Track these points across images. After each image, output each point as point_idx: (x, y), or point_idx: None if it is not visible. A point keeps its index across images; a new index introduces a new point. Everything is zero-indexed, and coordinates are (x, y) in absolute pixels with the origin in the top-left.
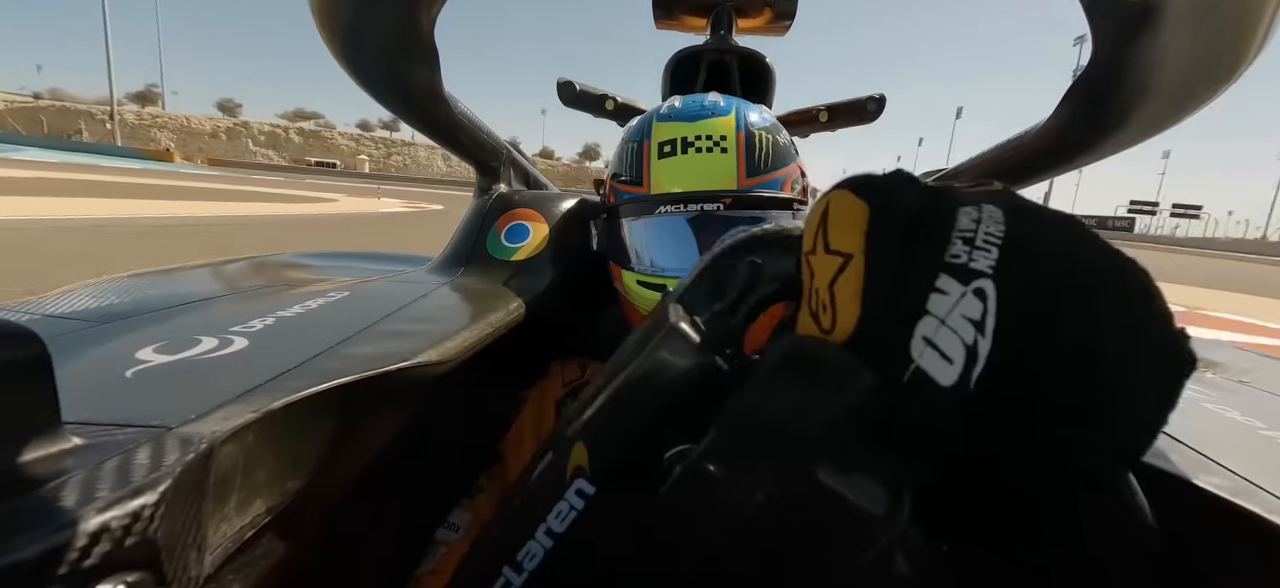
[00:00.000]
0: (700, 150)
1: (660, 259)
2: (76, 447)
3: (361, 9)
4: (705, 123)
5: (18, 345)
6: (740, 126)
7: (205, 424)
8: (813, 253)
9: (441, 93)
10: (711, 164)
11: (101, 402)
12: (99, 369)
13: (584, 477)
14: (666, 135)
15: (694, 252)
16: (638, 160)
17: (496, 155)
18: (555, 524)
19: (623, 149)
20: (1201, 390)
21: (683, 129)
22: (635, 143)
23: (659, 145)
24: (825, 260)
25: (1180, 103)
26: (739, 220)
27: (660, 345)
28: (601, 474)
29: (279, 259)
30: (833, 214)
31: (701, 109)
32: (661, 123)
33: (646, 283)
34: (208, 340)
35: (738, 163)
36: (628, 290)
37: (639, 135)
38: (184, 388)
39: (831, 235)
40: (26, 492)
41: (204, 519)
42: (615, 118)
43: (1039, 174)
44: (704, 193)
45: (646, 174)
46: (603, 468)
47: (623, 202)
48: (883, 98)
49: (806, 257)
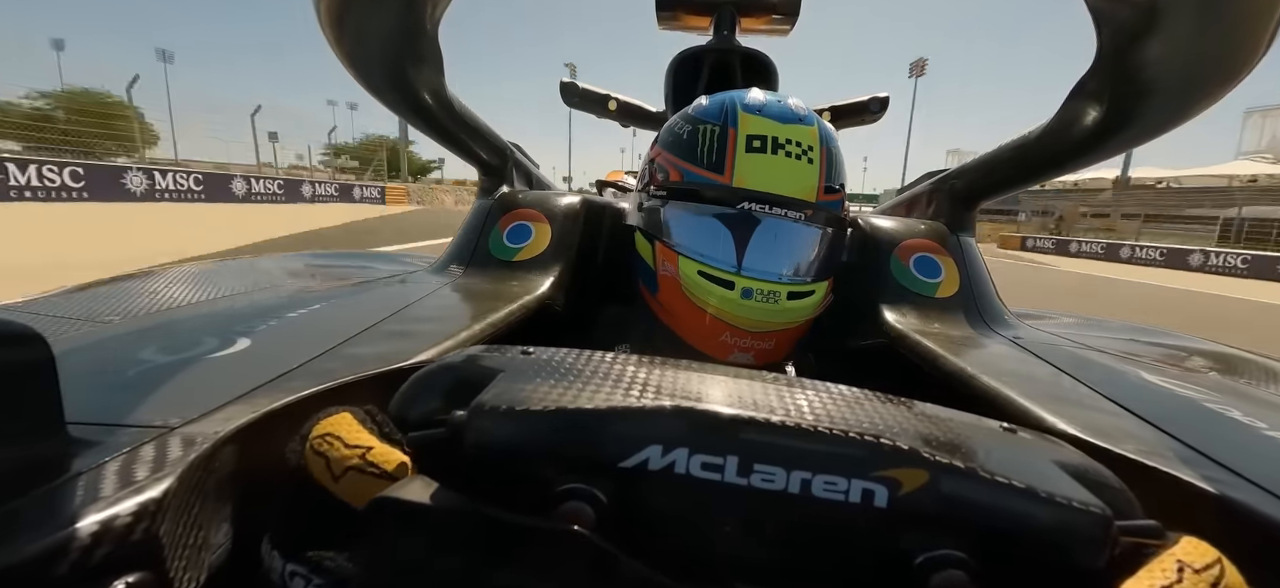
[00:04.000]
0: (790, 155)
1: (727, 255)
2: (80, 447)
3: (367, 12)
4: (794, 128)
5: (22, 346)
6: (824, 142)
7: (207, 424)
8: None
9: (446, 94)
10: (799, 172)
11: (105, 402)
12: (102, 369)
13: None
14: (757, 130)
15: (753, 253)
16: (720, 146)
17: (500, 155)
18: None
19: (693, 129)
20: (1204, 392)
21: (774, 128)
22: (716, 127)
23: (748, 138)
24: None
25: (1185, 102)
26: (808, 234)
27: None
28: None
29: (281, 259)
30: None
31: (790, 113)
32: (750, 114)
33: (713, 277)
34: (210, 341)
35: (820, 176)
36: (686, 280)
37: (719, 119)
38: (186, 388)
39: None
40: (30, 491)
41: (206, 519)
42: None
43: (1042, 174)
44: (792, 199)
45: (731, 164)
46: None
47: (700, 184)
48: (886, 99)
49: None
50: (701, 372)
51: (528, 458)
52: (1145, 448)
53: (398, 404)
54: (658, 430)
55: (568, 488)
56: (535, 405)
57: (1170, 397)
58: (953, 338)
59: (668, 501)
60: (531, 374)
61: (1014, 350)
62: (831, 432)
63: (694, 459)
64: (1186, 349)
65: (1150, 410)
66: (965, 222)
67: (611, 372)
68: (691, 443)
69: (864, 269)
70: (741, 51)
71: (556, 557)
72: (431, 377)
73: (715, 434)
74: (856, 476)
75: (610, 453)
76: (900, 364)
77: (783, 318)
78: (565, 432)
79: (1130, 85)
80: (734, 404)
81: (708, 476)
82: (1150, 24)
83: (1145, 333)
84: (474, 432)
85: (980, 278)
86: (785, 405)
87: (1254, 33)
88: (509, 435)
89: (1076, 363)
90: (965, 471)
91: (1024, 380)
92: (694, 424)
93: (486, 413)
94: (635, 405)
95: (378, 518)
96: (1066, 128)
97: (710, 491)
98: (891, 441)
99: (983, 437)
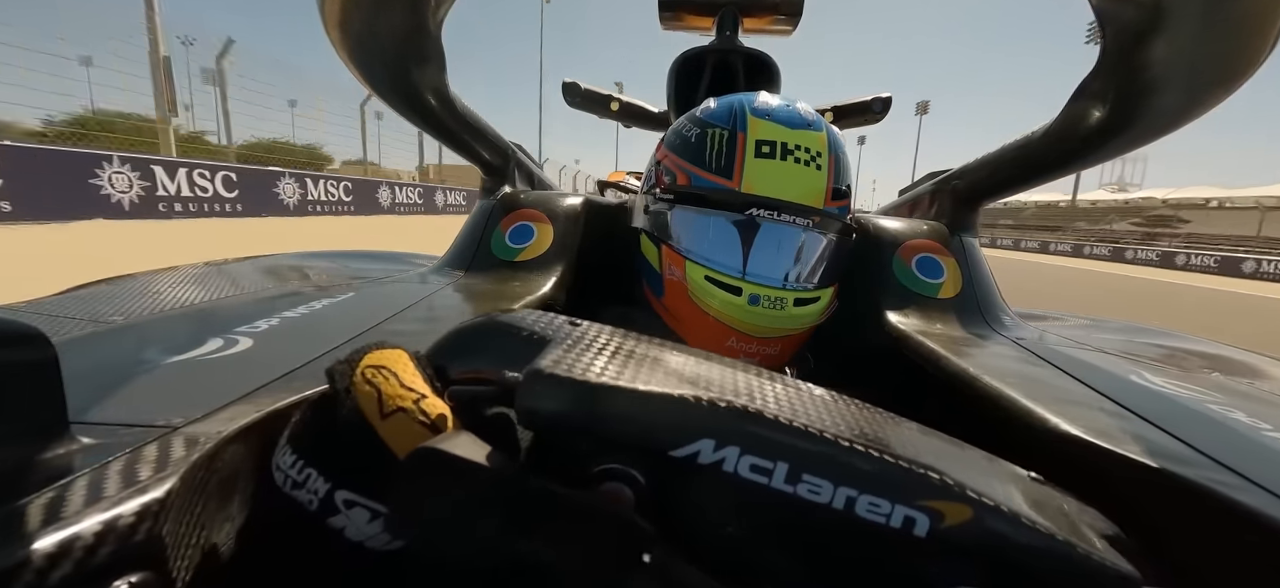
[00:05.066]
0: (799, 161)
1: (735, 260)
2: (83, 446)
3: (371, 12)
4: (803, 133)
5: (26, 346)
6: (832, 148)
7: (210, 424)
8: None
9: (448, 94)
10: (807, 178)
11: (108, 401)
12: (105, 369)
13: None
14: (767, 135)
15: (760, 259)
16: (729, 151)
17: (502, 156)
18: None
19: (702, 133)
20: (1208, 394)
21: (783, 133)
22: (724, 131)
23: (757, 142)
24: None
25: (1190, 103)
26: (815, 240)
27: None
28: None
29: (284, 259)
30: None
31: (799, 118)
32: (760, 119)
33: (720, 282)
34: (213, 341)
35: (827, 183)
36: (692, 285)
37: (728, 123)
38: (189, 388)
39: None
40: (34, 491)
41: (209, 519)
42: (620, 119)
43: (1046, 174)
44: (801, 206)
45: (739, 168)
46: None
47: (709, 189)
48: (888, 99)
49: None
50: (756, 374)
51: (577, 431)
52: (1149, 450)
53: (437, 354)
54: (715, 426)
55: (608, 468)
56: (595, 380)
57: (1174, 399)
58: (955, 339)
59: (708, 496)
60: (586, 347)
61: (1017, 351)
62: (883, 456)
63: (744, 460)
64: (1190, 351)
65: (1154, 412)
66: (968, 222)
67: (661, 358)
68: (745, 443)
69: (866, 269)
70: (744, 52)
71: (598, 535)
72: (479, 332)
73: (770, 439)
74: (902, 502)
75: (663, 441)
76: (900, 365)
77: (789, 324)
78: (624, 412)
79: (1134, 85)
80: (791, 412)
81: (755, 478)
82: (1155, 23)
83: (1149, 334)
84: (528, 396)
85: (983, 278)
86: (839, 422)
87: (1260, 32)
88: (565, 406)
89: (1079, 364)
90: (1008, 514)
91: (1027, 382)
92: (751, 426)
93: (545, 379)
94: (694, 397)
95: (422, 468)
96: (1070, 128)
97: (753, 492)
98: (941, 473)
99: (1021, 483)
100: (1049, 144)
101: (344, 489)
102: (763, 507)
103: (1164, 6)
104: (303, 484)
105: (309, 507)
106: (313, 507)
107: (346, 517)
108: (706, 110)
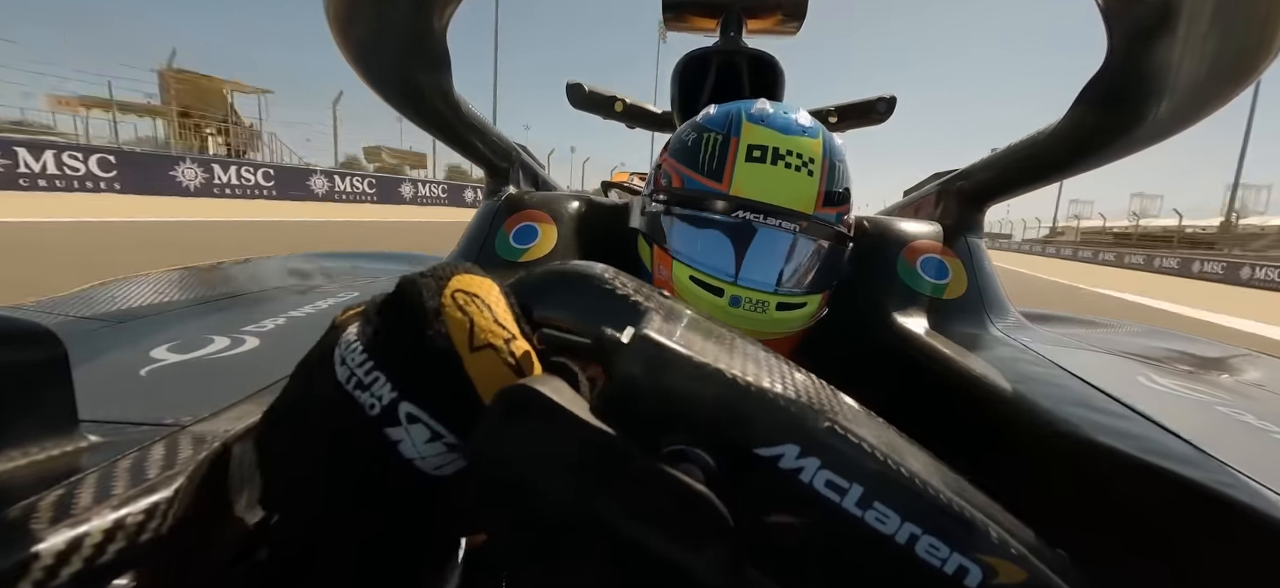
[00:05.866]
0: (790, 166)
1: (719, 262)
2: (93, 444)
3: (376, 14)
4: (797, 139)
5: (36, 344)
6: (826, 154)
7: (218, 423)
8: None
9: (453, 96)
10: (797, 183)
11: (117, 400)
12: (115, 368)
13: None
14: (758, 139)
15: (745, 262)
16: (721, 154)
17: (506, 157)
18: None
19: (698, 137)
20: (1215, 395)
21: (776, 139)
22: (719, 135)
23: (748, 147)
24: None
25: (1196, 104)
26: (802, 245)
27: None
28: None
29: (290, 259)
30: None
31: (795, 125)
32: (753, 124)
33: (704, 283)
34: (220, 340)
35: (819, 189)
36: (678, 285)
37: (723, 128)
38: (197, 387)
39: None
40: (44, 488)
41: (217, 516)
42: (624, 120)
43: (1050, 175)
44: (788, 210)
45: (729, 172)
46: None
47: (698, 191)
48: (893, 99)
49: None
50: (830, 390)
51: (670, 406)
52: (1154, 451)
53: (525, 291)
54: (804, 432)
55: (680, 448)
56: (702, 358)
57: (1181, 400)
58: (960, 340)
59: (777, 501)
60: (687, 324)
61: (1022, 353)
62: (953, 501)
63: (821, 474)
64: (1196, 353)
65: (1160, 414)
66: (973, 223)
67: (749, 351)
68: (826, 458)
69: (871, 270)
70: (748, 53)
71: (676, 511)
72: (574, 280)
73: (853, 459)
74: (960, 550)
75: (753, 436)
76: (905, 365)
77: (771, 328)
78: (726, 399)
79: (1140, 86)
80: (875, 438)
81: (828, 494)
82: (1162, 24)
83: (1155, 335)
84: (631, 360)
85: (988, 279)
86: (911, 459)
87: (1268, 32)
88: (668, 378)
89: (1085, 366)
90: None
91: (1032, 383)
92: (839, 441)
93: (653, 346)
94: (793, 399)
95: (518, 408)
96: (1076, 129)
97: (822, 508)
98: (1005, 531)
99: (1061, 560)
100: (1055, 144)
101: (410, 402)
102: (824, 525)
103: (1171, 5)
104: (368, 386)
105: (370, 411)
106: (374, 411)
107: (407, 431)
108: (707, 116)
